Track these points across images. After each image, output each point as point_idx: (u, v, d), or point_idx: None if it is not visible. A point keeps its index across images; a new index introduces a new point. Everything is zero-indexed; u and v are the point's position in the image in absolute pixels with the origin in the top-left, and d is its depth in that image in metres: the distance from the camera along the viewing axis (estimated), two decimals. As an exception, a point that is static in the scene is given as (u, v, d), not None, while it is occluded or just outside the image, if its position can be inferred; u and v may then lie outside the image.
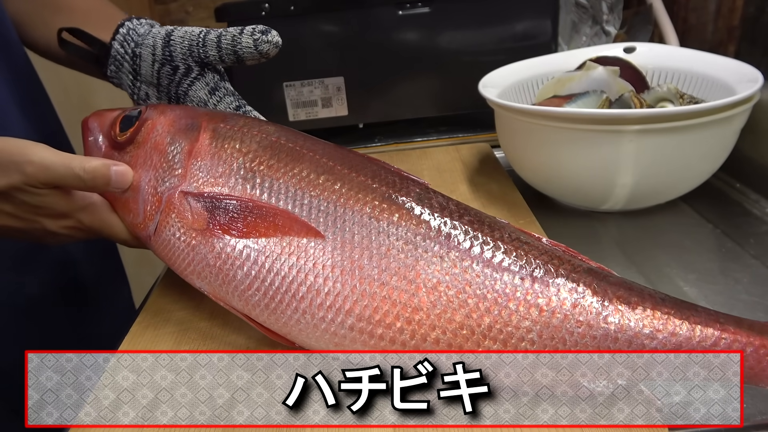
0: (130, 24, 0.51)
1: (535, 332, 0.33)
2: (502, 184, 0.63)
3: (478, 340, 0.33)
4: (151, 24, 0.52)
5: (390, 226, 0.36)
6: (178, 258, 0.41)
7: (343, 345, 0.36)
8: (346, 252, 0.36)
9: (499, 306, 0.33)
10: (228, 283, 0.39)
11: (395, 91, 0.81)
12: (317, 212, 0.37)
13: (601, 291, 0.33)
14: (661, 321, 0.32)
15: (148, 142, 0.43)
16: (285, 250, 0.37)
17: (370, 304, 0.35)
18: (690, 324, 0.32)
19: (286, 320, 0.37)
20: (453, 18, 0.77)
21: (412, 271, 0.35)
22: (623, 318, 0.33)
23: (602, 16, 0.85)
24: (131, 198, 0.42)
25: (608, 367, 0.32)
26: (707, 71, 0.61)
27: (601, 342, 0.32)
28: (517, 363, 0.33)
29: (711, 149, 0.55)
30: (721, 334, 0.32)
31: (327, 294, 0.36)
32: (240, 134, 0.42)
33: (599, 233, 0.58)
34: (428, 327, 0.34)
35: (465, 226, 0.36)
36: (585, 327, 0.33)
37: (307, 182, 0.38)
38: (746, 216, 0.60)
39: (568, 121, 0.53)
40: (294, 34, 0.77)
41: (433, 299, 0.34)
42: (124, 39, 0.51)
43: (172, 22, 1.30)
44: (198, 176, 0.40)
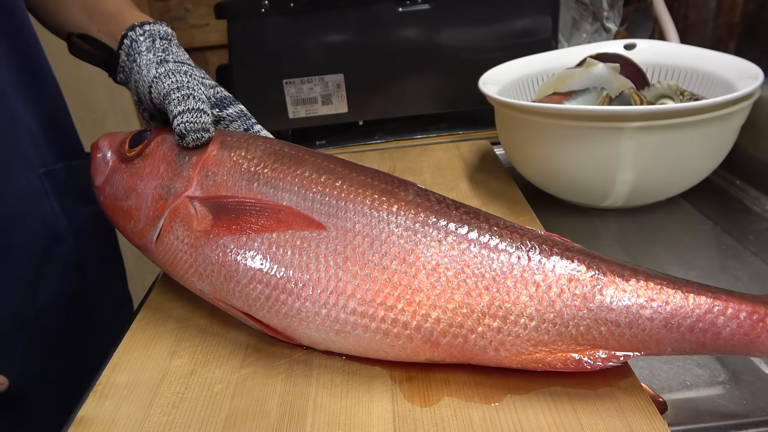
0: (134, 34, 0.50)
1: (533, 307, 0.34)
2: (502, 181, 0.63)
3: (478, 317, 0.34)
4: (152, 38, 0.50)
5: (390, 215, 0.37)
6: (179, 260, 0.41)
7: (345, 331, 0.36)
8: (347, 240, 0.37)
9: (497, 284, 0.34)
10: (229, 279, 0.39)
11: (395, 88, 0.81)
12: (319, 206, 0.38)
13: (594, 266, 0.34)
14: (655, 291, 0.33)
15: (156, 153, 0.45)
16: (287, 242, 0.38)
17: (371, 287, 0.36)
18: (683, 293, 0.33)
19: (287, 311, 0.37)
20: (453, 15, 0.77)
21: (412, 255, 0.36)
22: (618, 289, 0.33)
23: (603, 13, 0.85)
24: (134, 205, 0.43)
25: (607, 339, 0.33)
26: (708, 68, 0.61)
27: (598, 313, 0.33)
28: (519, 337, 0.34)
29: (711, 146, 0.55)
30: (713, 301, 0.32)
31: (329, 280, 0.36)
32: (245, 144, 0.43)
33: (599, 230, 0.58)
34: (429, 307, 0.35)
35: (462, 216, 0.37)
36: (581, 299, 0.34)
37: (309, 181, 0.40)
38: (746, 213, 0.60)
39: (568, 118, 0.53)
40: (293, 30, 0.77)
41: (432, 280, 0.35)
42: (128, 51, 0.50)
43: (172, 19, 1.30)
44: (204, 182, 0.42)
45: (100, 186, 0.47)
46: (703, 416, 0.36)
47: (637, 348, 0.33)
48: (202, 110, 0.44)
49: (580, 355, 0.33)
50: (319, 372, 0.37)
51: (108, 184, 0.46)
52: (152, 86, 0.46)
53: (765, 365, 0.41)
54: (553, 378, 0.35)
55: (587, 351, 0.34)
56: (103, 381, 0.38)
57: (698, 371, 0.41)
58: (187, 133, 0.43)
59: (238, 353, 0.40)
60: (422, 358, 0.36)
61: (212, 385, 0.37)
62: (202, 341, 0.42)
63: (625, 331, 0.33)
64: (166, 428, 0.34)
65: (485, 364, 0.35)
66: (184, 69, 0.47)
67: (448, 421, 0.33)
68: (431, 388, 0.35)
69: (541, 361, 0.34)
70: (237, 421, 0.34)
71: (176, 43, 0.51)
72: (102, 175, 0.47)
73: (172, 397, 0.36)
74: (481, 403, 0.34)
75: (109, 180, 0.46)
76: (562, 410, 0.33)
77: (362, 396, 0.35)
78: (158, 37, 0.50)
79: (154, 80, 0.46)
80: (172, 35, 0.51)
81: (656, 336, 0.33)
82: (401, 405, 0.34)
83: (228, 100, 0.50)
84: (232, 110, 0.50)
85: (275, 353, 0.40)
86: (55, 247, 0.57)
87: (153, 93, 0.46)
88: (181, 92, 0.44)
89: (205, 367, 0.39)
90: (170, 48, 0.50)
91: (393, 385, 0.36)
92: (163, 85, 0.45)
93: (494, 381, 0.35)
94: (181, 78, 0.46)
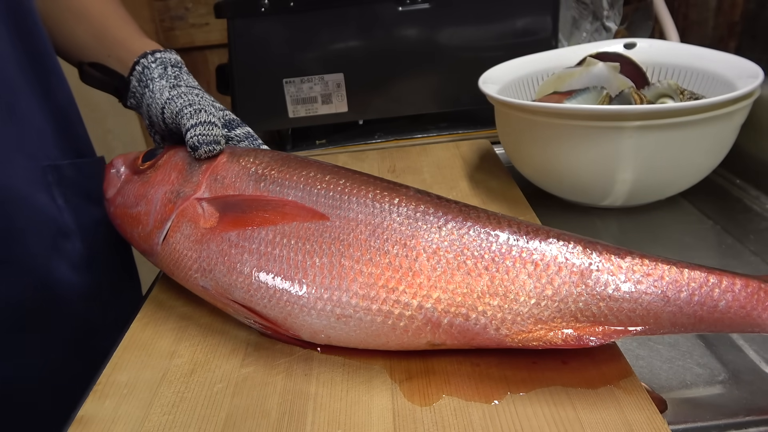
0: (146, 62, 0.53)
1: (532, 284, 0.35)
2: (502, 180, 0.63)
3: (478, 296, 0.35)
4: (164, 65, 0.53)
5: (391, 206, 0.39)
6: (184, 257, 0.42)
7: (346, 315, 0.37)
8: (350, 228, 0.38)
9: (496, 264, 0.35)
10: (232, 271, 0.39)
11: (395, 87, 0.81)
12: (323, 199, 0.40)
13: (590, 247, 0.36)
14: (650, 266, 0.34)
15: (168, 164, 0.47)
16: (291, 232, 0.39)
17: (372, 271, 0.36)
18: (678, 268, 0.34)
19: (288, 298, 0.38)
20: (453, 14, 0.77)
21: (413, 240, 0.37)
22: (614, 266, 0.34)
23: (602, 12, 0.85)
24: (143, 211, 0.45)
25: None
26: (708, 67, 0.61)
27: (596, 288, 0.34)
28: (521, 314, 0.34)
29: (711, 145, 0.55)
30: (708, 276, 0.33)
31: (331, 266, 0.37)
32: (254, 153, 0.46)
33: (599, 229, 0.59)
34: (429, 288, 0.36)
35: (461, 207, 0.39)
36: (579, 276, 0.34)
37: (314, 180, 0.41)
38: (746, 212, 0.60)
39: (568, 117, 0.53)
40: (293, 30, 0.77)
41: (433, 263, 0.36)
42: (140, 78, 0.53)
43: (172, 19, 1.30)
44: (212, 185, 0.44)
45: (112, 197, 0.48)
46: (703, 415, 0.36)
47: (636, 323, 0.34)
48: (214, 123, 0.47)
49: (580, 332, 0.34)
50: (319, 371, 0.37)
51: (119, 194, 0.48)
52: (165, 107, 0.49)
53: (765, 364, 0.41)
54: (553, 377, 0.35)
55: (587, 327, 0.34)
56: (103, 380, 0.38)
57: (698, 370, 0.41)
58: (199, 145, 0.45)
59: (238, 352, 0.40)
60: (423, 342, 0.36)
61: (212, 385, 0.37)
62: (202, 341, 0.42)
63: (623, 305, 0.34)
64: (166, 427, 0.34)
65: (486, 345, 0.35)
66: (195, 92, 0.50)
67: (448, 420, 0.33)
68: (431, 386, 0.35)
69: (541, 338, 0.34)
70: (237, 421, 0.34)
71: (186, 70, 0.54)
72: (114, 187, 0.49)
73: (172, 397, 0.36)
74: (480, 402, 0.34)
75: (121, 191, 0.48)
76: (562, 409, 0.33)
77: (362, 395, 0.35)
78: (169, 64, 0.53)
79: (168, 102, 0.49)
80: (182, 63, 0.54)
81: (654, 310, 0.33)
82: (401, 404, 0.34)
83: (236, 123, 0.53)
84: (239, 131, 0.52)
85: (275, 352, 0.40)
86: (62, 244, 0.57)
87: (166, 113, 0.49)
88: (193, 107, 0.47)
89: (205, 366, 0.39)
90: (181, 75, 0.53)
91: (393, 384, 0.36)
92: (176, 104, 0.48)
93: (494, 380, 0.35)
94: (193, 98, 0.49)
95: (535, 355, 0.37)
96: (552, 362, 0.36)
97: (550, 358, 0.36)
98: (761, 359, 0.41)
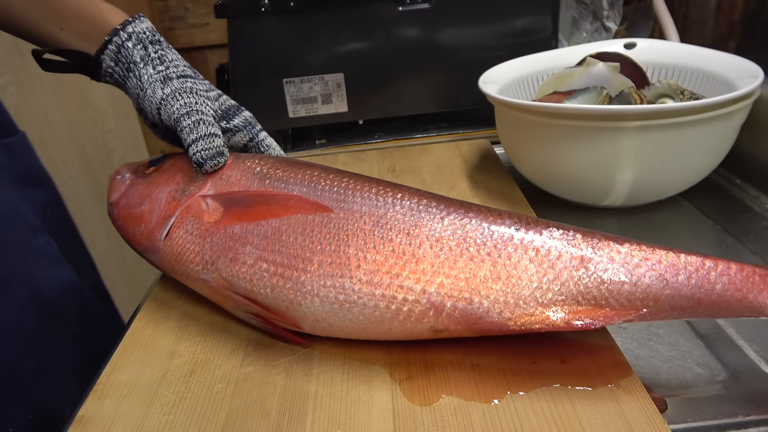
0: (119, 39, 0.48)
1: (534, 268, 0.35)
2: (502, 180, 0.63)
3: (481, 280, 0.35)
4: (142, 44, 0.48)
5: (394, 200, 0.39)
6: (187, 251, 0.42)
7: (349, 301, 0.37)
8: (354, 219, 0.38)
9: (498, 250, 0.36)
10: (235, 262, 0.40)
11: (395, 87, 0.81)
12: (328, 194, 0.40)
13: (589, 234, 0.37)
14: (648, 251, 0.35)
15: (173, 166, 0.47)
16: (296, 223, 0.39)
17: (376, 258, 0.37)
18: (675, 253, 0.35)
19: (291, 285, 0.38)
20: (453, 14, 0.77)
21: (416, 229, 0.38)
22: (613, 251, 0.35)
23: (602, 12, 0.85)
24: (146, 209, 0.45)
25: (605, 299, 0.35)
26: (708, 67, 0.61)
27: (596, 271, 0.35)
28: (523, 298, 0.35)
29: (711, 145, 0.55)
30: (704, 260, 0.35)
31: (335, 253, 0.38)
32: (259, 156, 0.47)
33: (599, 229, 0.58)
34: (432, 273, 0.36)
35: (462, 202, 0.40)
36: (579, 260, 0.35)
37: (318, 177, 0.42)
38: (746, 212, 0.60)
39: (568, 117, 0.53)
40: (293, 30, 0.77)
41: (436, 250, 0.37)
42: (117, 58, 0.48)
43: (172, 19, 1.30)
44: (218, 183, 0.44)
45: (116, 200, 0.48)
46: (702, 415, 0.36)
47: (636, 306, 0.34)
48: (215, 134, 0.46)
49: (582, 315, 0.34)
50: (319, 371, 0.37)
51: (124, 197, 0.48)
52: (161, 108, 0.48)
53: (765, 364, 0.41)
54: (553, 377, 0.35)
55: (588, 310, 0.34)
56: (103, 380, 0.38)
57: (698, 370, 0.41)
58: (204, 161, 0.45)
59: (238, 352, 0.40)
60: (426, 329, 0.36)
61: (212, 384, 0.37)
62: (202, 340, 0.42)
63: (623, 288, 0.34)
64: (166, 427, 0.34)
65: (489, 330, 0.36)
66: (188, 85, 0.48)
67: (447, 420, 0.33)
68: (431, 386, 0.35)
69: (543, 321, 0.34)
70: (237, 420, 0.34)
71: (167, 44, 0.50)
72: (118, 191, 0.49)
73: (172, 397, 0.36)
74: (480, 402, 0.34)
75: (125, 193, 0.48)
76: (562, 409, 0.33)
77: (362, 395, 0.35)
78: (148, 42, 0.49)
79: (162, 102, 0.47)
80: (157, 34, 0.49)
81: (653, 293, 0.34)
82: (401, 404, 0.34)
83: (233, 110, 0.51)
84: (237, 120, 0.51)
85: (275, 352, 0.40)
86: (36, 241, 0.55)
87: (163, 115, 0.48)
88: (192, 118, 0.46)
89: (205, 366, 0.39)
90: (165, 54, 0.49)
91: (393, 383, 0.36)
92: (172, 108, 0.46)
93: (494, 379, 0.35)
94: (189, 99, 0.47)
95: (535, 354, 0.37)
96: (552, 362, 0.36)
97: (550, 357, 0.36)
98: (761, 359, 0.41)
